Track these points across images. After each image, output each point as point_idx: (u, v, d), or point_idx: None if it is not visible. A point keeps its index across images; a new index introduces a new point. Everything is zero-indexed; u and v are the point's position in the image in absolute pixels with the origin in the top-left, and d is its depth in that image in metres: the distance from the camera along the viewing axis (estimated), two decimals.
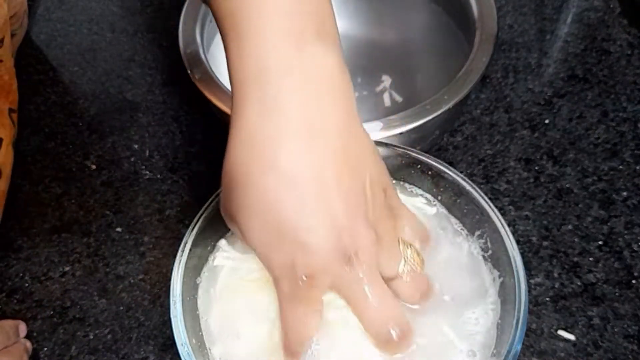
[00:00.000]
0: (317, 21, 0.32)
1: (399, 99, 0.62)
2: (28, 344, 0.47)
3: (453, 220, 0.42)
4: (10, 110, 0.53)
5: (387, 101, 0.62)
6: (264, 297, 0.38)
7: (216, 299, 0.40)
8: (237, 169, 0.33)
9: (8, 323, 0.47)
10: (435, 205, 0.43)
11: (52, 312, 0.50)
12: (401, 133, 0.47)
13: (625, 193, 0.52)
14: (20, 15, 0.63)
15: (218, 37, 0.58)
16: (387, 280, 0.35)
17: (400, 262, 0.35)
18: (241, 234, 0.34)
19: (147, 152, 0.59)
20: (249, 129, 0.32)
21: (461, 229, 0.42)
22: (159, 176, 0.57)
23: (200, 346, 0.38)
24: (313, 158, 0.32)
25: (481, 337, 0.37)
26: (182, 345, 0.36)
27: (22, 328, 0.48)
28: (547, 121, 0.57)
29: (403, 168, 0.42)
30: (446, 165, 0.41)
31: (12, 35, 0.63)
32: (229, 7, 0.32)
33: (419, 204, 0.42)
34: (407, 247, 0.36)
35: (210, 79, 0.51)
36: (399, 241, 0.36)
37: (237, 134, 0.33)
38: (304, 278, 0.33)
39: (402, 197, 0.40)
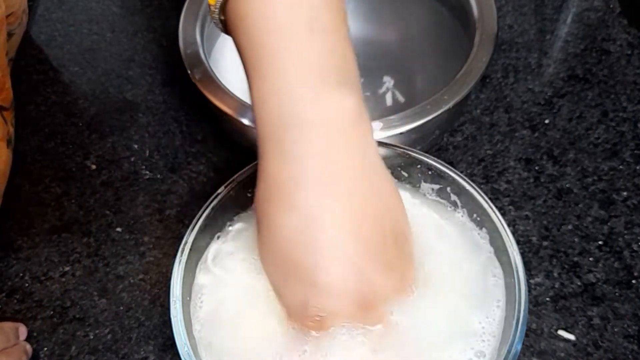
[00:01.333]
0: (339, 67, 0.33)
1: (401, 99, 0.62)
2: (28, 346, 0.47)
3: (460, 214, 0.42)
4: (1, 108, 0.53)
5: (389, 101, 0.62)
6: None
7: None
8: (260, 207, 0.35)
9: (8, 325, 0.47)
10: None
11: (52, 312, 0.50)
12: (401, 133, 0.47)
13: (625, 193, 0.52)
14: (18, 14, 0.63)
15: (218, 37, 0.59)
16: None
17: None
18: (265, 272, 0.37)
19: (147, 152, 0.59)
20: (270, 171, 0.34)
21: (470, 224, 0.42)
22: (159, 176, 0.57)
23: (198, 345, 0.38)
24: (329, 202, 0.32)
25: (490, 337, 0.37)
26: (182, 345, 0.36)
27: (22, 330, 0.48)
28: (547, 121, 0.57)
29: (403, 168, 0.42)
30: (446, 165, 0.41)
31: (11, 35, 0.63)
32: (254, 43, 0.33)
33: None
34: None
35: (210, 79, 0.51)
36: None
37: (261, 175, 0.34)
38: (316, 319, 0.34)
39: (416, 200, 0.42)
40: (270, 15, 0.32)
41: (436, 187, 0.42)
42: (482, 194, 0.40)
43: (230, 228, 0.42)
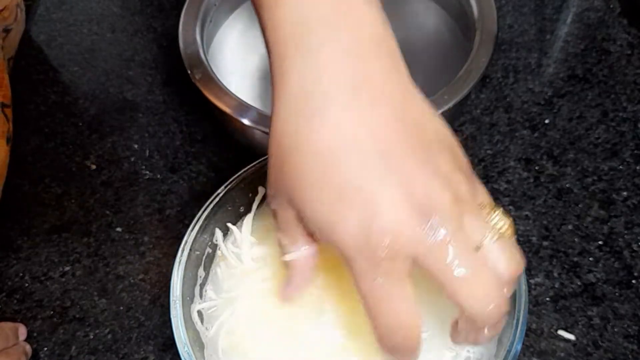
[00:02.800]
0: None
1: None
2: (27, 347, 0.47)
3: None
4: (3, 105, 0.53)
5: None
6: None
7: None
8: (286, 134, 0.30)
9: (8, 325, 0.47)
10: None
11: (52, 312, 0.50)
12: None
13: (625, 193, 0.52)
14: (11, 8, 0.62)
15: (218, 37, 0.59)
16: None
17: (487, 228, 0.29)
18: (302, 211, 0.30)
19: (147, 152, 0.59)
20: (293, 88, 0.30)
21: None
22: (159, 176, 0.57)
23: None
24: (366, 114, 0.29)
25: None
26: (182, 345, 0.36)
27: (22, 331, 0.48)
28: (547, 121, 0.57)
29: None
30: None
31: (8, 31, 0.62)
32: None
33: None
34: (492, 210, 0.30)
35: (210, 79, 0.51)
36: (480, 204, 0.30)
37: (281, 96, 0.30)
38: (384, 247, 0.28)
39: None
40: None
41: None
42: None
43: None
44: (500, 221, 0.30)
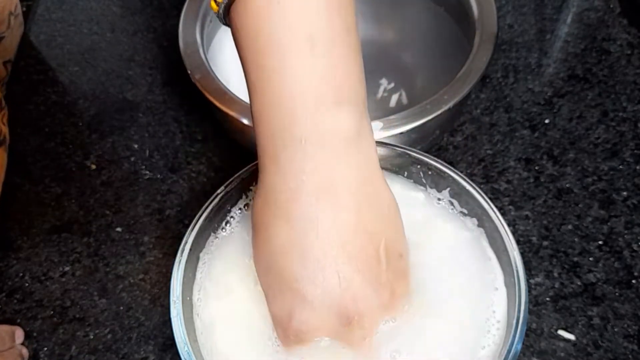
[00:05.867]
0: (338, 86, 0.32)
1: (405, 100, 0.62)
2: (24, 350, 0.47)
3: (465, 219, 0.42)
4: None
5: (393, 102, 0.62)
6: None
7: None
8: (256, 216, 0.35)
9: (4, 328, 0.47)
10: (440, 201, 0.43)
11: (52, 312, 0.50)
12: (401, 133, 0.47)
13: (625, 193, 0.52)
14: (2, 18, 0.62)
15: (218, 37, 0.59)
16: None
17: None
18: (257, 273, 0.37)
19: (147, 152, 0.59)
20: (267, 183, 0.34)
21: (468, 227, 0.41)
22: (159, 176, 0.57)
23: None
24: (322, 215, 0.32)
25: (488, 351, 0.37)
26: (182, 345, 0.36)
27: (19, 334, 0.48)
28: (547, 121, 0.57)
29: (403, 168, 0.42)
30: (446, 165, 0.41)
31: (1, 38, 0.62)
32: (252, 60, 0.33)
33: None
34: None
35: (210, 79, 0.51)
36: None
37: (260, 185, 0.35)
38: (298, 333, 0.34)
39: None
40: (267, 31, 0.31)
41: (435, 187, 0.42)
42: (482, 194, 0.40)
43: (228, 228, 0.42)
44: None
